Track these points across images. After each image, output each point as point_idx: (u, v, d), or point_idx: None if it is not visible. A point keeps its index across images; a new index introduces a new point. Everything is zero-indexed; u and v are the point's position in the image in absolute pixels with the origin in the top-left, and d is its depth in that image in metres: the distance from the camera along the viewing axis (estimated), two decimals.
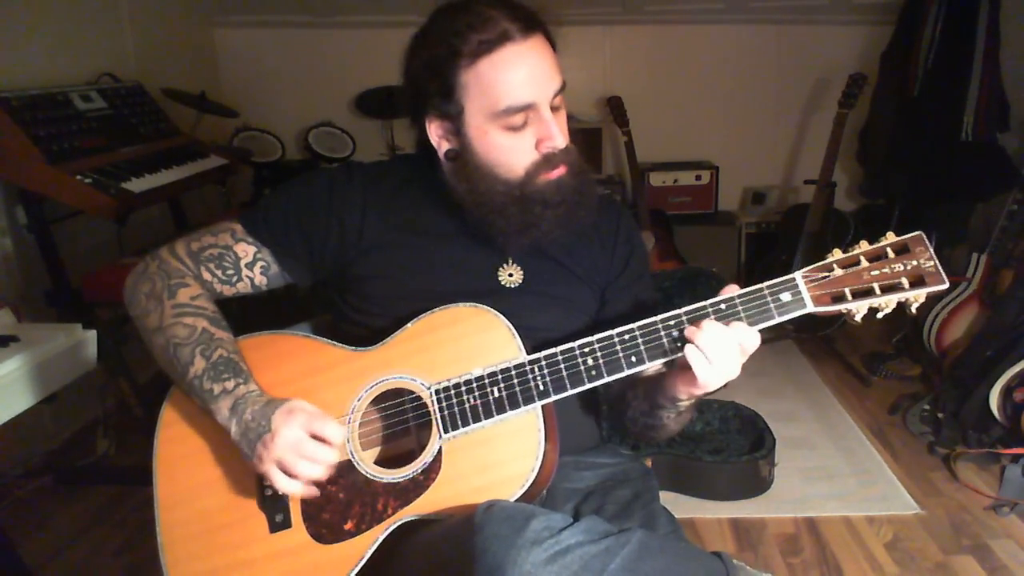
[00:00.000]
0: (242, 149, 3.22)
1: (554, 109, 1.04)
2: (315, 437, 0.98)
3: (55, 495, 2.23)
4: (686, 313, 0.97)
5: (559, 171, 1.05)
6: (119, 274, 2.14)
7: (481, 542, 0.83)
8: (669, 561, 0.87)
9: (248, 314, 1.33)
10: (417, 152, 1.16)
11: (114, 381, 2.25)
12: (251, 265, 1.15)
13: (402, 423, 1.06)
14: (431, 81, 1.04)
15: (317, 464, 0.97)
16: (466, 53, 1.00)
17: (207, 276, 1.14)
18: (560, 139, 1.03)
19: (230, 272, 1.15)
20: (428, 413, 1.03)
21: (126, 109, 2.50)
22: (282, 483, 0.97)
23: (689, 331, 0.95)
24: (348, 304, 1.16)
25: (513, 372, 1.00)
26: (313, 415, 0.99)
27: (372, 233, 1.13)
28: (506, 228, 1.07)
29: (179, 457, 1.11)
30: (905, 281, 0.92)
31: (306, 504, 1.04)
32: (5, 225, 2.26)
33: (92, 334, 1.63)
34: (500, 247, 1.11)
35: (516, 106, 1.01)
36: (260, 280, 1.17)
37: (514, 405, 0.99)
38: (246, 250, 1.15)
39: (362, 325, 1.14)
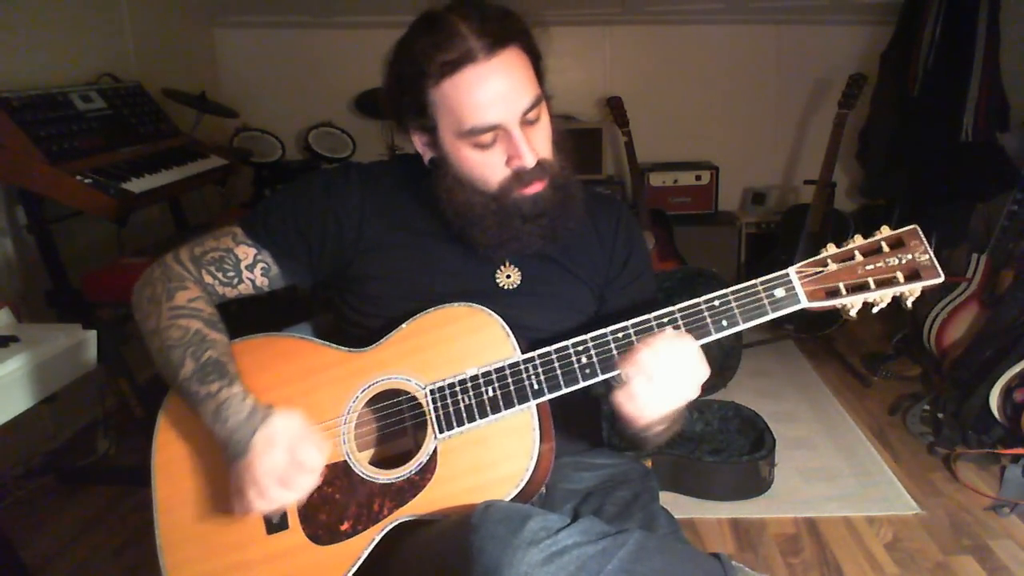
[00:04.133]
0: (242, 149, 3.22)
1: (529, 123, 1.02)
2: (295, 462, 0.96)
3: (55, 495, 2.23)
4: (680, 310, 0.97)
5: (535, 187, 1.04)
6: (119, 274, 2.18)
7: (478, 542, 0.83)
8: (667, 562, 0.87)
9: (248, 315, 1.33)
10: (417, 153, 1.16)
11: (114, 381, 2.25)
12: (252, 267, 1.16)
13: (398, 423, 1.07)
14: (404, 97, 1.04)
15: (291, 493, 0.96)
16: (431, 74, 0.99)
17: (208, 279, 1.14)
18: (529, 157, 1.01)
19: (231, 274, 1.15)
20: (424, 413, 1.03)
21: (126, 109, 2.50)
22: (256, 505, 0.96)
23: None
24: (348, 305, 1.16)
25: (507, 371, 1.00)
26: (293, 439, 0.97)
27: (370, 234, 1.13)
28: (485, 240, 1.07)
29: (177, 460, 1.11)
30: (900, 275, 0.92)
31: (303, 505, 1.04)
32: (5, 225, 2.26)
33: (92, 334, 1.63)
34: (483, 256, 1.11)
35: (481, 127, 1.00)
36: (261, 282, 1.17)
37: (508, 404, 0.99)
38: (246, 252, 1.16)
39: (362, 326, 1.14)
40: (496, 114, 0.99)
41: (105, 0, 2.81)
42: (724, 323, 0.96)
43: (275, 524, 1.05)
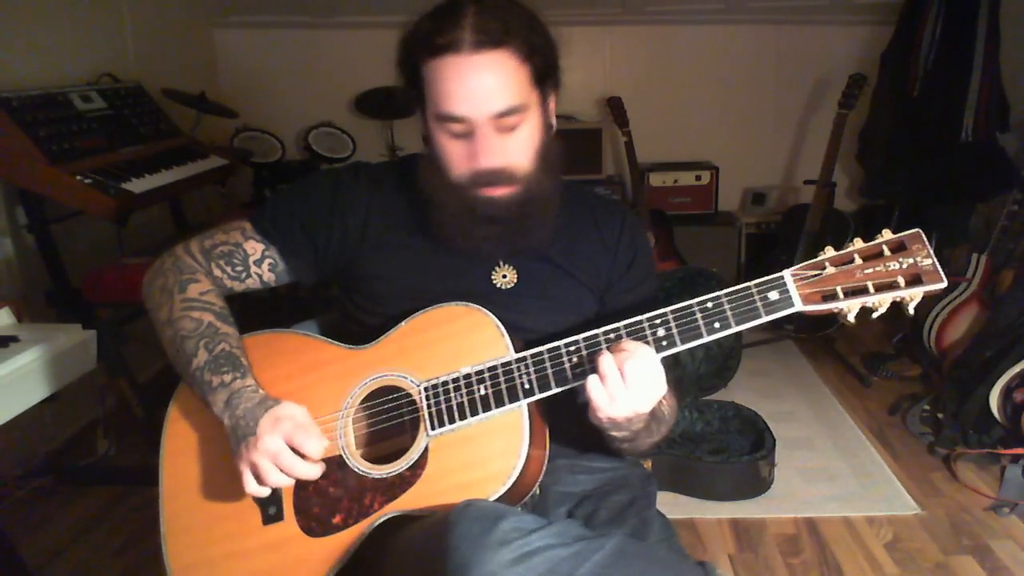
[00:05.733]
0: (242, 149, 3.22)
1: (505, 129, 1.02)
2: (294, 450, 0.98)
3: (55, 495, 2.23)
4: (672, 312, 0.97)
5: (496, 190, 1.04)
6: (119, 274, 2.18)
7: (452, 540, 0.83)
8: (643, 569, 0.86)
9: (251, 313, 1.33)
10: (422, 151, 1.16)
11: (114, 381, 2.25)
12: (259, 262, 1.18)
13: (393, 420, 1.07)
14: (406, 66, 1.06)
15: (287, 477, 0.98)
16: (424, 49, 1.01)
17: (217, 272, 1.17)
18: (484, 160, 1.02)
19: (239, 269, 1.17)
20: (419, 410, 1.03)
21: (126, 109, 2.50)
22: (250, 486, 0.98)
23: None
24: (353, 303, 1.18)
25: (499, 370, 1.00)
26: (299, 426, 0.99)
27: (374, 233, 1.14)
28: (438, 227, 1.09)
29: (184, 450, 1.14)
30: (901, 280, 0.90)
31: (298, 498, 1.06)
32: (5, 225, 2.26)
33: (92, 334, 1.63)
34: (444, 242, 1.11)
35: (449, 115, 1.01)
36: (268, 277, 1.19)
37: (499, 403, 0.99)
38: (255, 248, 1.17)
39: (364, 323, 1.15)
40: (463, 108, 1.00)
41: (105, 0, 2.81)
42: (717, 325, 0.95)
43: (271, 515, 1.06)
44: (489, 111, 1.00)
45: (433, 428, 1.02)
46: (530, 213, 1.07)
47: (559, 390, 0.99)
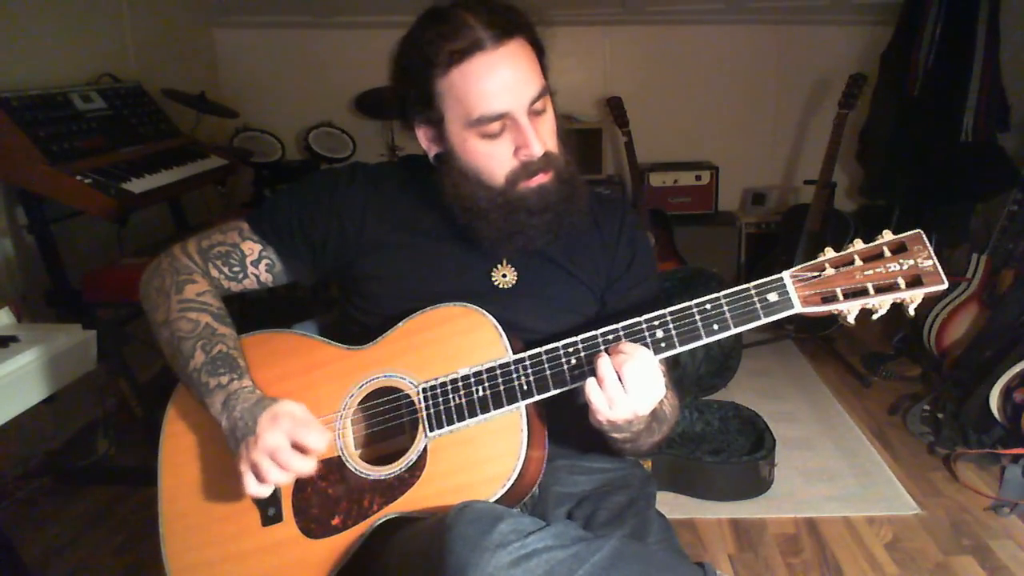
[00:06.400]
0: (242, 149, 3.22)
1: (536, 113, 1.03)
2: (296, 445, 0.98)
3: (55, 495, 2.23)
4: (671, 314, 0.96)
5: (540, 178, 1.05)
6: (119, 274, 2.18)
7: (449, 542, 0.83)
8: (641, 570, 0.86)
9: (250, 314, 1.33)
10: (422, 153, 1.16)
11: (114, 381, 2.25)
12: (256, 263, 1.18)
13: (392, 421, 1.07)
14: (411, 89, 1.05)
15: (288, 473, 0.97)
16: (439, 63, 1.00)
17: (215, 273, 1.17)
18: (537, 146, 1.02)
19: (236, 269, 1.17)
20: (417, 411, 1.03)
21: (126, 109, 2.50)
22: (252, 487, 0.98)
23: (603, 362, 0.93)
24: (352, 304, 1.18)
25: (498, 371, 1.00)
26: (298, 422, 0.99)
27: (372, 233, 1.14)
28: (490, 234, 1.08)
29: (183, 451, 1.13)
30: (901, 281, 0.90)
31: (297, 499, 1.06)
32: (5, 225, 2.26)
33: (92, 334, 1.63)
34: (488, 251, 1.11)
35: (489, 115, 1.00)
36: (265, 277, 1.19)
37: (497, 404, 0.99)
38: (252, 248, 1.17)
39: (363, 324, 1.15)
40: (504, 102, 1.00)
41: (105, 0, 2.81)
42: (715, 327, 0.95)
43: (270, 516, 1.06)
44: (528, 98, 1.01)
45: (432, 429, 1.01)
46: (570, 194, 1.08)
47: (557, 391, 0.99)
